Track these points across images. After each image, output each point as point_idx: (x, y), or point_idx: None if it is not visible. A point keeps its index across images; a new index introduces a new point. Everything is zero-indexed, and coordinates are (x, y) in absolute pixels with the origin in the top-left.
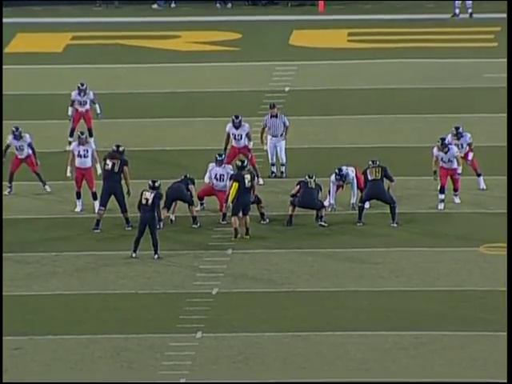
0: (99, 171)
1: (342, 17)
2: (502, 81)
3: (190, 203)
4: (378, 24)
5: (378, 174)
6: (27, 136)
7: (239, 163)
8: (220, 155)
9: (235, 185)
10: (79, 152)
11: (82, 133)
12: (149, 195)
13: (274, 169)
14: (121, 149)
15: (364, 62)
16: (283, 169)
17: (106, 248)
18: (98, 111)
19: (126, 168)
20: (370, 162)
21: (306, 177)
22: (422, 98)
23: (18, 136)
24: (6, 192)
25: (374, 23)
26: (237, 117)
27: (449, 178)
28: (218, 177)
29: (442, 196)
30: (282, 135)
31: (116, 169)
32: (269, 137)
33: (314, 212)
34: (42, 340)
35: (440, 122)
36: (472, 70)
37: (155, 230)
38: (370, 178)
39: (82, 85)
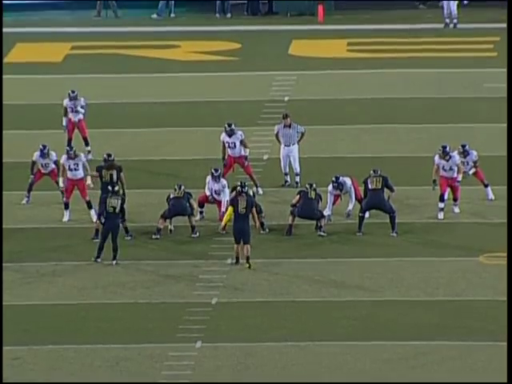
0: (88, 181)
1: (342, 27)
2: (501, 91)
3: (190, 214)
4: (378, 34)
5: (379, 183)
6: (53, 154)
7: (239, 188)
8: (216, 170)
9: (230, 209)
10: (70, 166)
11: (71, 147)
12: (115, 202)
13: (288, 178)
14: (112, 157)
15: (363, 72)
16: (298, 179)
17: (106, 257)
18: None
19: (122, 174)
20: (372, 172)
21: (306, 186)
22: (422, 107)
23: (45, 154)
24: (23, 201)
25: (374, 33)
26: (229, 124)
27: (448, 188)
28: (213, 192)
29: (441, 204)
30: (294, 144)
31: (114, 178)
32: (282, 146)
33: (314, 222)
34: (42, 350)
35: (440, 132)
36: (472, 79)
37: (117, 235)
38: (370, 187)
39: (73, 92)
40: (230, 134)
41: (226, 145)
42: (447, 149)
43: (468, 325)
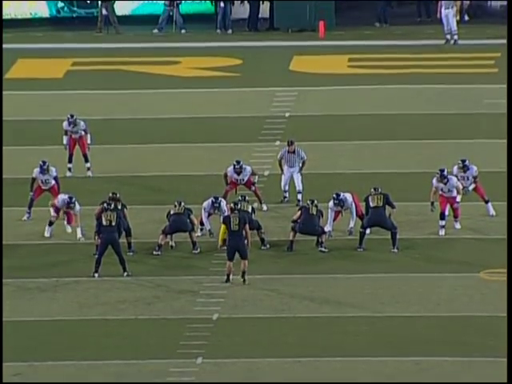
0: (79, 235)
1: (343, 43)
2: (502, 106)
3: (191, 230)
4: (378, 50)
5: (380, 201)
6: (53, 170)
7: (232, 205)
8: (216, 198)
9: (223, 227)
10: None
11: (72, 200)
12: (110, 215)
13: (287, 194)
14: (118, 195)
15: (364, 88)
16: (299, 196)
17: (107, 273)
18: (89, 141)
19: (125, 211)
20: (372, 190)
21: (308, 202)
22: (423, 123)
23: (44, 170)
24: (24, 217)
25: (374, 49)
26: (238, 162)
27: (448, 205)
28: (237, 180)
29: (442, 222)
30: (298, 169)
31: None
32: (285, 166)
33: (315, 238)
34: (42, 366)
35: (440, 148)
36: (472, 95)
37: (119, 248)
38: (371, 205)
39: (72, 116)
40: (239, 171)
41: (234, 180)
42: (445, 172)
43: (468, 341)
